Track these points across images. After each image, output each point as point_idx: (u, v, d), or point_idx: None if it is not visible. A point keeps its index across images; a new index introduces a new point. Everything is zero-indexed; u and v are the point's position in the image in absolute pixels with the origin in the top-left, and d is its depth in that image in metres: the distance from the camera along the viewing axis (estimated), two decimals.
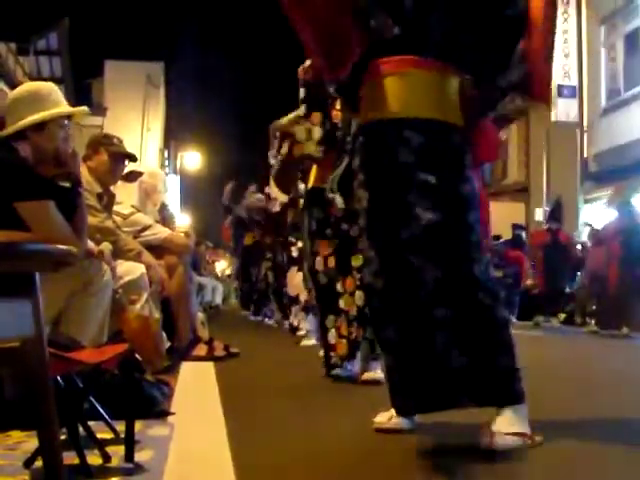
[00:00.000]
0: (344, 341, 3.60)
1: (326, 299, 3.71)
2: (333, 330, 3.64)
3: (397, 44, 2.23)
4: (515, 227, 12.04)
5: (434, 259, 2.16)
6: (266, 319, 9.24)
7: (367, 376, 3.40)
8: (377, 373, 3.33)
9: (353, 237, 3.51)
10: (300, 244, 6.39)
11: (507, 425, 2.07)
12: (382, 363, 2.54)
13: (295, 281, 6.54)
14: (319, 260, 3.73)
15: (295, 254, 6.63)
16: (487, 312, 2.17)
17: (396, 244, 2.19)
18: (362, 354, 3.52)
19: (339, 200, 3.52)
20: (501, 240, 12.33)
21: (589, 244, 9.74)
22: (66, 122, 2.55)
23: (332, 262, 3.69)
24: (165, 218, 4.96)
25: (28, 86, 2.65)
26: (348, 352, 3.58)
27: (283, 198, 6.77)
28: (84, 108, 2.72)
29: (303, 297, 6.29)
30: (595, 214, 12.52)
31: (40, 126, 2.44)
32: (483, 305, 2.16)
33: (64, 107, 2.54)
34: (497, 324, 2.19)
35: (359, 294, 3.51)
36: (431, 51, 2.23)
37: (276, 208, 7.49)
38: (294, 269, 6.65)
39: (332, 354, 3.64)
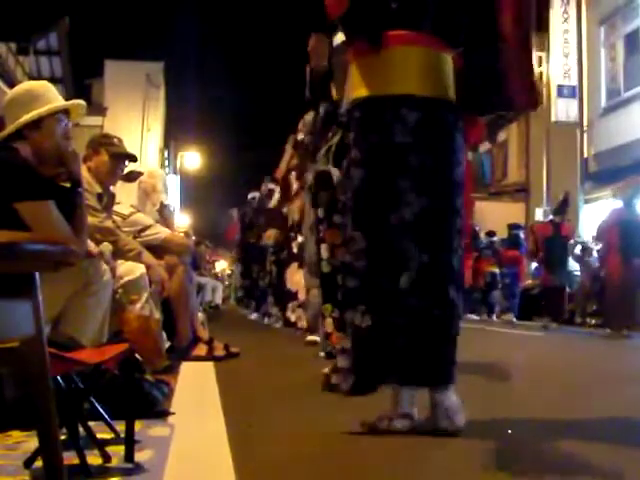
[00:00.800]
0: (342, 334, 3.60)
1: (327, 288, 3.69)
2: (330, 319, 3.63)
3: (394, 18, 2.23)
4: (512, 227, 12.01)
5: (421, 245, 2.20)
6: (265, 318, 9.24)
7: None
8: None
9: None
10: (300, 239, 6.38)
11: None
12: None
13: (296, 277, 6.52)
14: (325, 247, 3.69)
15: (295, 250, 6.62)
16: (449, 305, 2.23)
17: (385, 228, 2.22)
18: None
19: (335, 172, 3.50)
20: (495, 237, 12.33)
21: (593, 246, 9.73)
22: (64, 118, 2.53)
23: (339, 253, 3.61)
24: (165, 218, 4.94)
25: (23, 86, 2.64)
26: None
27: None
28: (80, 102, 2.69)
29: (301, 295, 6.28)
30: (595, 214, 12.52)
31: (36, 123, 2.43)
32: (448, 298, 2.22)
33: (59, 102, 2.53)
34: (453, 319, 2.25)
35: None
36: (427, 26, 2.24)
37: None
38: (294, 265, 6.64)
39: (328, 342, 3.65)
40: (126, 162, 3.87)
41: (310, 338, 3.71)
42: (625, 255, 7.63)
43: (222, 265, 25.22)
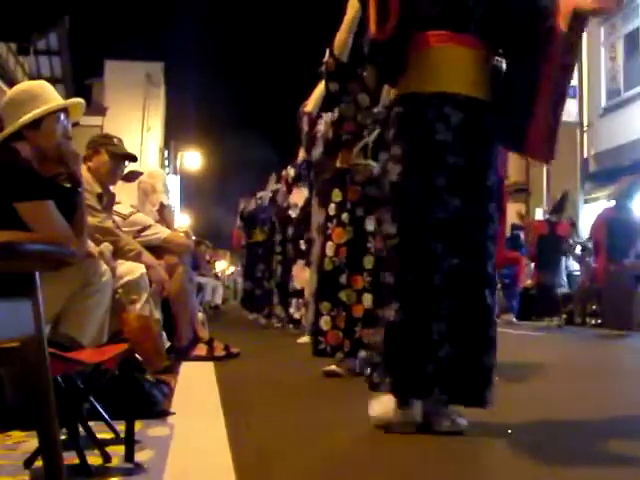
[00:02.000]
0: (339, 333, 3.58)
1: (326, 286, 3.69)
2: (327, 317, 3.61)
3: (439, 19, 2.26)
4: (513, 227, 12.01)
5: (454, 248, 2.20)
6: (264, 319, 9.18)
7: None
8: None
9: (368, 232, 3.56)
10: (306, 236, 6.35)
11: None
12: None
13: (302, 275, 6.48)
14: (330, 245, 3.69)
15: (303, 247, 6.58)
16: (487, 310, 2.23)
17: (420, 226, 2.22)
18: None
19: (374, 165, 3.47)
20: None
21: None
22: (63, 117, 2.53)
23: (344, 252, 3.64)
24: (165, 218, 4.94)
25: (21, 86, 2.64)
26: (350, 349, 3.58)
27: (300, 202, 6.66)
28: (79, 100, 2.69)
29: (307, 293, 6.22)
30: (595, 214, 12.52)
31: (36, 123, 2.43)
32: (485, 303, 2.22)
33: (58, 101, 2.53)
34: (491, 324, 2.25)
35: (368, 296, 3.50)
36: (473, 29, 2.26)
37: (294, 214, 7.28)
38: (301, 262, 6.60)
39: (321, 339, 3.62)
40: (126, 162, 3.87)
41: (330, 368, 3.63)
42: (611, 254, 7.64)
43: (222, 265, 25.21)
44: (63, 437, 1.60)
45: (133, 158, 3.92)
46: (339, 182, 3.76)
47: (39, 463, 1.49)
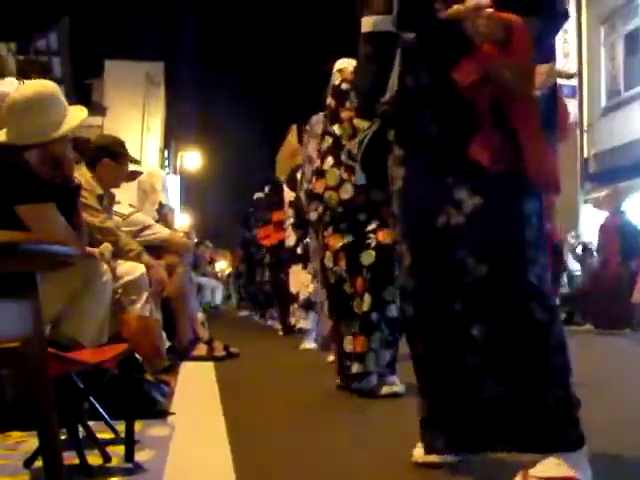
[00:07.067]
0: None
1: (336, 301, 3.28)
2: (350, 337, 3.15)
3: None
4: None
5: (477, 253, 1.70)
6: (269, 321, 9.17)
7: (385, 390, 3.05)
8: (395, 385, 3.08)
9: (369, 231, 3.17)
10: (306, 240, 6.23)
11: (545, 468, 1.64)
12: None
13: (298, 279, 6.35)
14: (328, 255, 3.27)
15: (300, 251, 6.39)
16: (539, 330, 1.69)
17: (430, 235, 1.76)
18: (370, 366, 3.10)
19: (359, 173, 2.70)
20: None
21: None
22: None
23: (342, 258, 3.21)
24: (164, 218, 4.94)
25: (32, 88, 2.59)
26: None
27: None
28: (86, 113, 2.73)
29: (303, 295, 6.16)
30: (595, 214, 12.53)
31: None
32: (534, 321, 1.69)
33: (82, 112, 2.57)
34: (550, 346, 1.70)
35: (367, 298, 3.12)
36: None
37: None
38: (297, 266, 6.40)
39: (349, 363, 3.14)
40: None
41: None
42: (624, 257, 8.09)
43: (222, 265, 25.20)
44: (63, 437, 1.60)
45: (137, 162, 3.95)
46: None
47: (39, 463, 1.49)
